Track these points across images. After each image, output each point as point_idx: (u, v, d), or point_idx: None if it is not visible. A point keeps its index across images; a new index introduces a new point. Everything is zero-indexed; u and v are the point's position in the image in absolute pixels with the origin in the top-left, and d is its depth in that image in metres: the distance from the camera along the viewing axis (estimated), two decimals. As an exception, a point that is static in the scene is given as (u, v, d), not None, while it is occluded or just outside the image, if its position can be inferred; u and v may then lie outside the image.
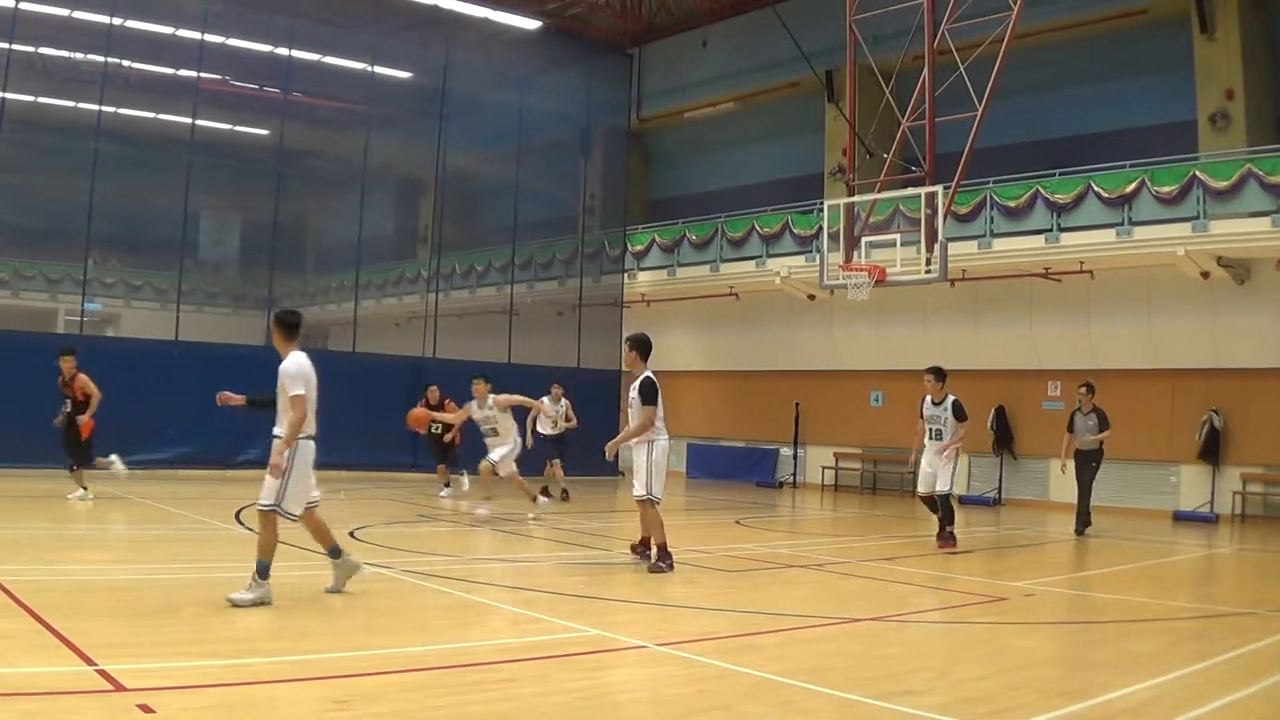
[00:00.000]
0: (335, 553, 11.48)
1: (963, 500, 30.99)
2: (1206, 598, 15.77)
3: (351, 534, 16.93)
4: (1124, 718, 7.89)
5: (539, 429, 25.46)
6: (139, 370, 26.32)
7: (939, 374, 19.46)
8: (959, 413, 19.05)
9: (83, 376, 19.83)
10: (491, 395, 21.14)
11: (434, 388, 25.61)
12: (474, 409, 21.27)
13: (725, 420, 38.31)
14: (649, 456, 14.72)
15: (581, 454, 29.63)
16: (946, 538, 18.89)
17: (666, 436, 15.06)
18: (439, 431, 25.09)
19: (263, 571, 10.62)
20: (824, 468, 34.97)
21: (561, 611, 11.24)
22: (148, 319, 35.88)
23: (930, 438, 19.31)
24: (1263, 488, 27.19)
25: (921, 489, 19.57)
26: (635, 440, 14.79)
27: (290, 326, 11.30)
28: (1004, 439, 30.81)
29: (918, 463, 19.58)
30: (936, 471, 19.15)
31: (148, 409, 25.42)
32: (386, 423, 26.77)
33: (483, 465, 21.40)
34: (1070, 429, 22.76)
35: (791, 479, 35.72)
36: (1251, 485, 27.28)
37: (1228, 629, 12.10)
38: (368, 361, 31.62)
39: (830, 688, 8.30)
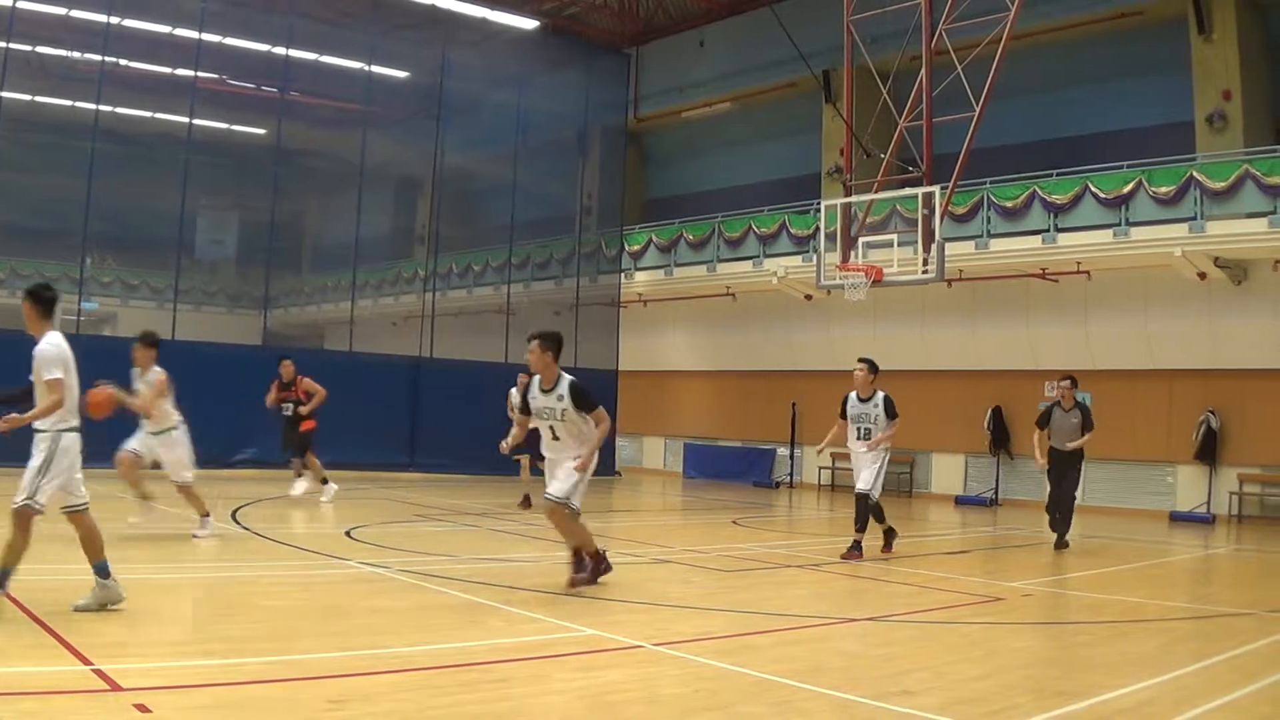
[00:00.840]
0: (103, 571, 9.94)
1: (960, 500, 31.06)
2: (1203, 598, 15.78)
3: (348, 533, 16.94)
4: (1121, 718, 7.89)
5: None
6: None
7: (873, 366, 17.82)
8: (890, 409, 17.35)
9: None
10: (156, 368, 16.04)
11: (288, 362, 22.53)
12: (134, 377, 16.28)
13: (722, 420, 38.35)
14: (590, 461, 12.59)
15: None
16: (853, 548, 17.07)
17: None
18: (291, 414, 22.06)
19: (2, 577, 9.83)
20: (820, 468, 34.94)
21: (558, 611, 11.23)
22: (145, 318, 35.86)
23: (859, 438, 17.54)
24: (1259, 488, 27.22)
25: (861, 487, 17.48)
26: (572, 452, 12.51)
27: (47, 303, 10.45)
28: (1001, 439, 30.82)
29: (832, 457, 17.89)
30: (869, 472, 17.39)
31: (144, 408, 25.43)
32: (383, 422, 26.72)
33: (120, 454, 16.11)
34: (1042, 424, 19.63)
35: (788, 479, 35.73)
36: (1248, 486, 27.31)
37: (1225, 630, 12.12)
38: (364, 361, 31.63)
39: (828, 688, 8.32)
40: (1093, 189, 27.37)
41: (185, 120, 29.79)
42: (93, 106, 28.14)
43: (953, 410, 31.82)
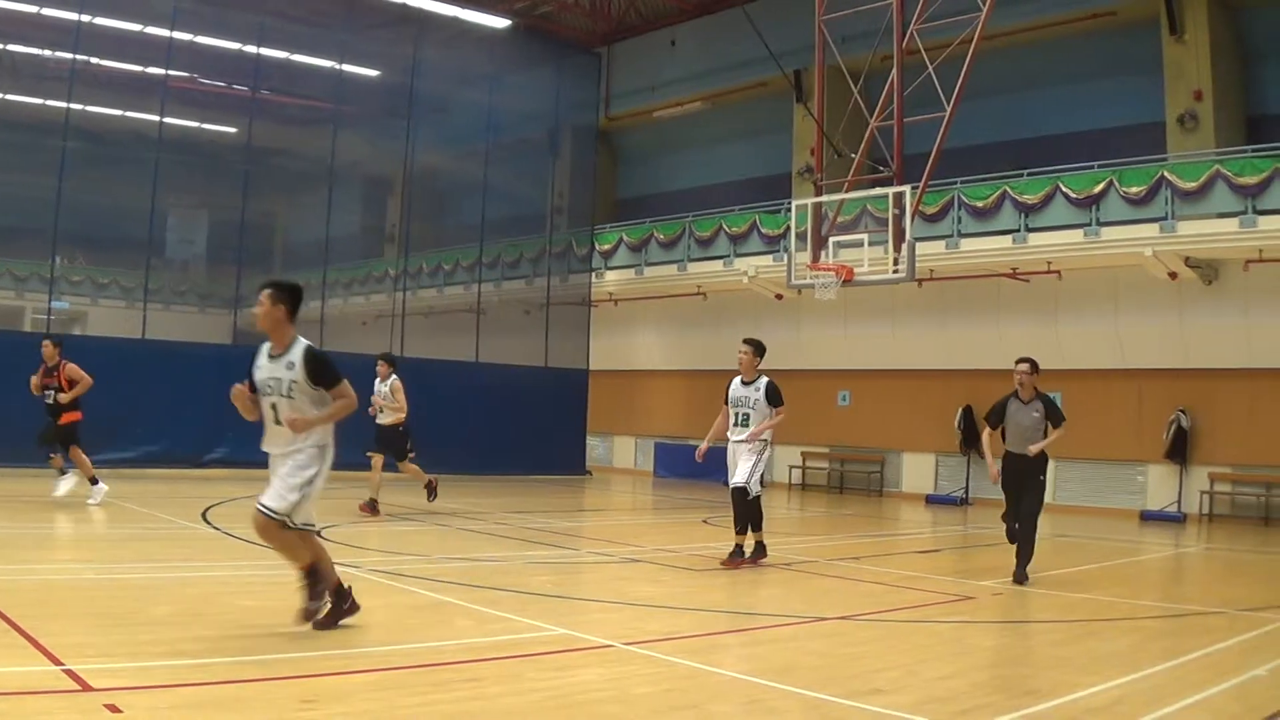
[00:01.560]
0: None
1: (930, 500, 31.10)
2: (1174, 597, 15.84)
3: (319, 533, 16.90)
4: (1092, 717, 7.90)
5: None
6: (106, 369, 26.14)
7: (759, 348, 16.29)
8: (773, 396, 15.84)
9: None
10: None
11: (47, 343, 19.81)
12: None
13: (693, 420, 38.26)
14: (321, 465, 9.95)
15: (546, 452, 29.59)
16: (756, 550, 15.92)
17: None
18: (52, 403, 19.36)
19: None
20: (791, 467, 35.01)
21: (529, 611, 11.24)
22: (115, 317, 35.80)
23: (736, 424, 16.01)
24: (1230, 487, 27.33)
25: (736, 481, 15.77)
26: (301, 438, 9.78)
27: None
28: (972, 439, 30.80)
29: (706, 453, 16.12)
30: (749, 468, 15.71)
31: (115, 408, 25.33)
32: (354, 422, 26.53)
33: None
34: (993, 421, 15.51)
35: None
36: (1219, 485, 27.42)
37: (1196, 628, 12.16)
38: (335, 361, 31.54)
39: (799, 687, 8.33)
40: (1063, 189, 27.46)
41: (156, 119, 29.67)
42: (63, 104, 28.02)
43: (923, 409, 31.91)
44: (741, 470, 15.67)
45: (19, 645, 8.41)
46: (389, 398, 20.82)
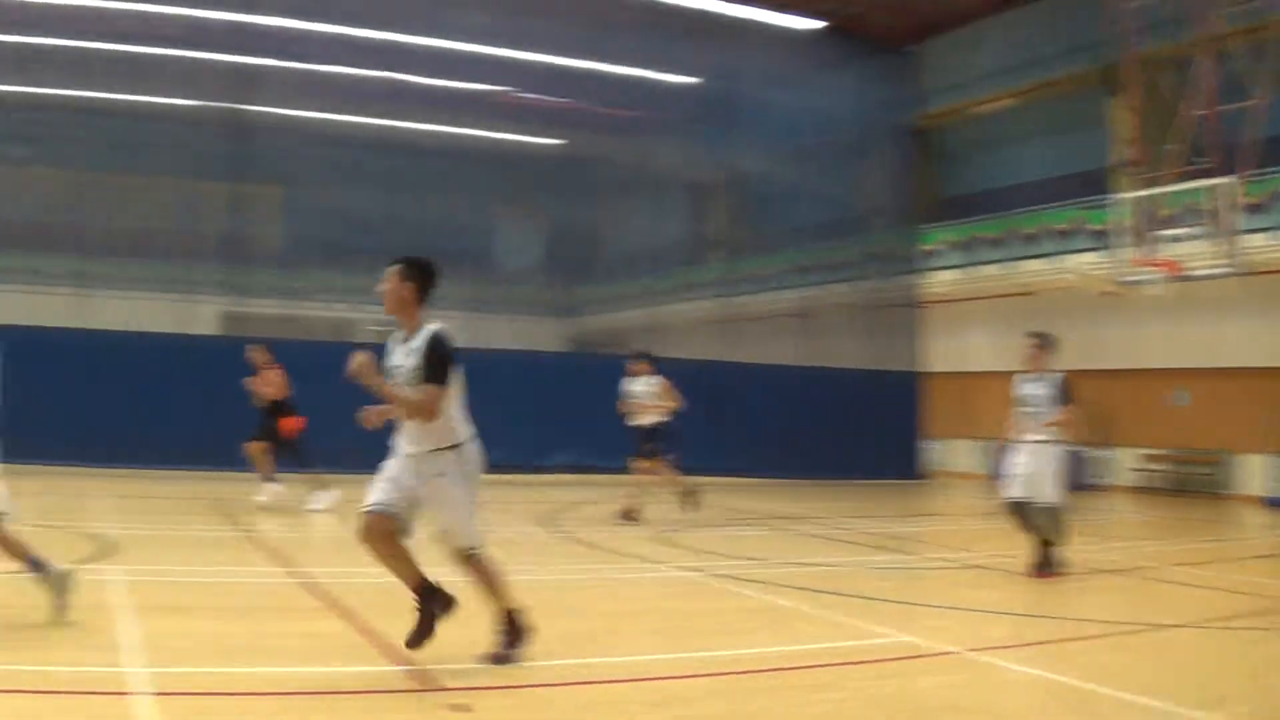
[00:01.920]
0: (36, 566, 9.13)
1: (1270, 503, 30.03)
2: None
3: (660, 536, 17.25)
4: None
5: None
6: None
7: (1046, 340, 14.91)
8: (1066, 393, 14.42)
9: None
10: None
11: (255, 348, 19.61)
12: None
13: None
14: (460, 469, 8.65)
15: (878, 456, 29.49)
16: (1044, 566, 14.48)
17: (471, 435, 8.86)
18: (269, 409, 19.16)
19: None
20: (1131, 469, 34.32)
21: (869, 616, 11.36)
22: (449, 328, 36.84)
23: (1023, 423, 14.76)
24: None
25: (1014, 492, 14.50)
26: (429, 442, 8.54)
27: None
28: (1311, 439, 29.83)
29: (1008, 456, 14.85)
30: (1037, 473, 14.38)
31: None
32: (682, 426, 26.99)
33: None
34: None
35: (1098, 481, 34.91)
36: None
37: None
38: (661, 367, 32.02)
39: (1139, 694, 8.35)
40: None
41: (479, 133, 30.54)
42: (390, 123, 29.02)
43: (1260, 409, 30.91)
44: (1043, 482, 14.30)
45: (361, 645, 9.04)
46: (652, 397, 19.97)
